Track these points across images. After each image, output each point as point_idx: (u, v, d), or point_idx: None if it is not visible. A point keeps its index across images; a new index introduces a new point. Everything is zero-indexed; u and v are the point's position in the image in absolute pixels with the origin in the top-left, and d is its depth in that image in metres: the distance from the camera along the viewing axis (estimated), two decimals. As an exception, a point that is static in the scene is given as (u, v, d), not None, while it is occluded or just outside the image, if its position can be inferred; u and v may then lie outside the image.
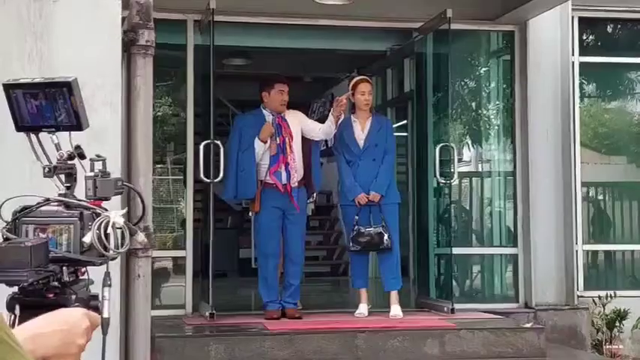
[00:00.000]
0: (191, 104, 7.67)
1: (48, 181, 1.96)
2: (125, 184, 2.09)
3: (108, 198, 1.97)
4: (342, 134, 7.22)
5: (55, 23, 4.72)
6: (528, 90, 8.04)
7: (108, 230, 1.88)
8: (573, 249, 8.03)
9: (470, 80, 9.02)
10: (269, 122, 7.01)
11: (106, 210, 1.92)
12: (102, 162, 1.99)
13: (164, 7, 6.46)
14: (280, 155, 6.91)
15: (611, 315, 7.90)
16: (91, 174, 1.97)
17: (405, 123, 9.46)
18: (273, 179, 6.90)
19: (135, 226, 2.02)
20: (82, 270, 1.91)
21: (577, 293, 8.04)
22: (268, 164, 6.93)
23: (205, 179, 7.13)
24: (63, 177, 1.97)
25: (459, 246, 8.09)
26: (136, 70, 4.77)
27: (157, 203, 8.40)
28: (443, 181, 7.89)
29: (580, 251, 8.32)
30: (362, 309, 7.20)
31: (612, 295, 7.96)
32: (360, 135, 7.24)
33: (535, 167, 8.02)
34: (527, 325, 7.01)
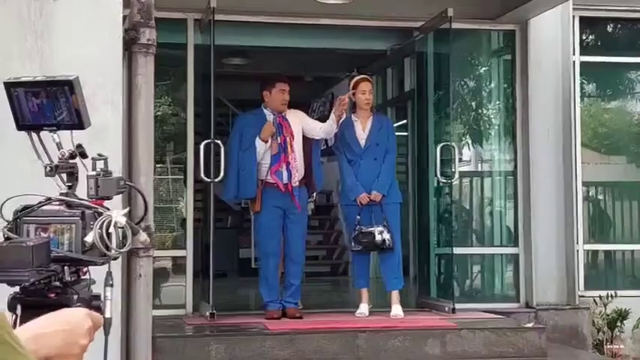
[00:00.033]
0: (191, 104, 7.66)
1: (49, 181, 1.95)
2: (127, 184, 2.07)
3: (110, 197, 1.95)
4: (344, 134, 7.21)
5: (56, 22, 4.70)
6: (529, 89, 8.03)
7: (110, 230, 1.86)
8: (574, 249, 8.03)
9: (470, 80, 9.01)
10: (270, 122, 6.99)
11: (108, 209, 1.91)
12: (104, 161, 1.98)
13: (164, 6, 6.44)
14: (281, 154, 6.90)
15: (612, 315, 7.90)
16: (93, 173, 1.95)
17: (405, 122, 9.45)
18: (274, 179, 6.89)
19: (136, 226, 2.00)
20: (84, 270, 1.90)
21: (578, 293, 8.04)
22: (269, 164, 6.91)
23: (206, 179, 7.12)
24: (64, 176, 1.95)
25: (460, 246, 8.09)
26: (137, 69, 4.76)
27: (157, 203, 8.40)
28: (444, 181, 7.88)
29: (581, 251, 8.32)
30: (363, 309, 7.18)
31: (613, 295, 7.96)
32: (362, 134, 7.23)
33: (536, 167, 8.01)
34: (528, 325, 7.01)
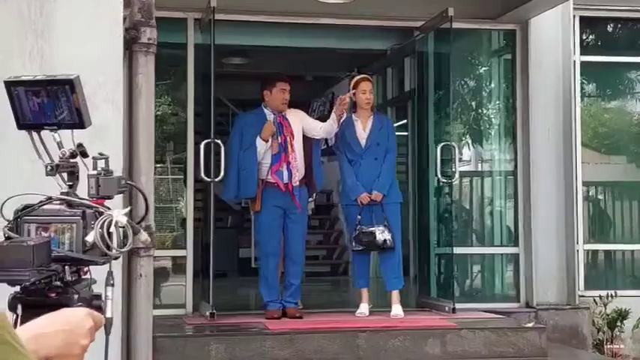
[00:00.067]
0: (191, 103, 7.65)
1: (49, 180, 1.94)
2: (128, 183, 2.06)
3: (111, 197, 1.95)
4: (344, 133, 7.20)
5: (56, 21, 4.69)
6: (530, 89, 8.03)
7: (111, 229, 1.85)
8: (574, 248, 8.02)
9: (471, 79, 9.00)
10: (270, 121, 6.98)
11: (109, 209, 1.90)
12: (104, 160, 1.97)
13: (164, 6, 6.43)
14: (282, 154, 6.89)
15: (612, 315, 7.90)
16: (94, 172, 1.94)
17: (406, 122, 9.44)
18: (274, 178, 6.88)
19: (137, 225, 2.00)
20: (85, 269, 1.89)
21: (578, 293, 8.03)
22: (270, 163, 6.91)
23: (206, 178, 7.11)
24: (65, 175, 1.94)
25: (460, 245, 8.08)
26: (138, 68, 4.75)
27: (157, 203, 8.38)
28: (444, 181, 7.87)
29: (581, 251, 8.31)
30: (363, 308, 7.18)
31: (613, 295, 7.96)
32: (362, 134, 7.22)
33: (536, 167, 8.01)
34: (528, 325, 7.00)
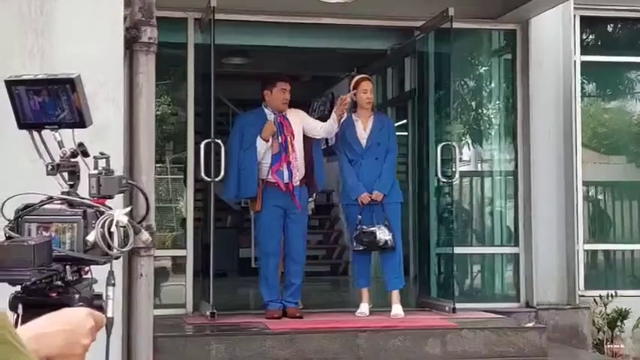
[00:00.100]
0: (191, 103, 7.64)
1: (50, 180, 1.94)
2: (129, 182, 2.06)
3: (112, 196, 1.94)
4: (344, 133, 7.19)
5: (57, 20, 4.68)
6: (530, 89, 8.02)
7: (112, 229, 1.85)
8: (575, 248, 8.02)
9: (471, 79, 8.99)
10: (271, 121, 6.98)
11: (110, 208, 1.89)
12: (105, 160, 1.96)
13: (164, 5, 6.41)
14: (282, 154, 6.88)
15: (612, 314, 7.89)
16: (95, 172, 1.94)
17: (406, 122, 9.43)
18: (275, 178, 6.87)
19: (138, 225, 1.99)
20: (86, 269, 1.89)
21: (578, 293, 8.03)
22: (270, 163, 6.90)
23: (206, 178, 7.10)
24: (66, 175, 1.94)
25: (461, 245, 8.07)
26: (139, 68, 4.74)
27: (156, 202, 8.36)
28: (444, 181, 7.86)
29: (581, 251, 8.31)
30: (363, 308, 7.17)
31: (613, 295, 7.96)
32: (363, 134, 7.22)
33: (537, 166, 8.00)
34: (529, 325, 7.00)
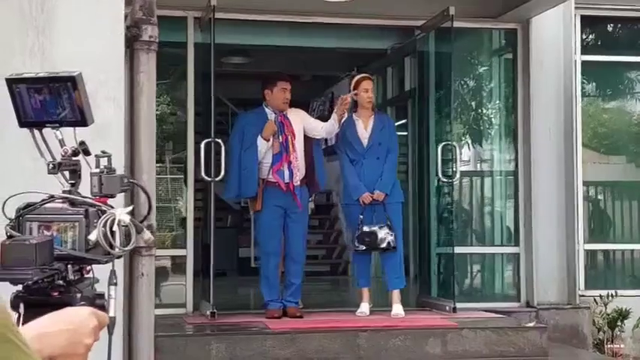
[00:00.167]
0: (191, 102, 7.62)
1: (51, 179, 1.92)
2: (131, 181, 2.05)
3: (113, 195, 1.93)
4: (345, 133, 7.18)
5: (57, 18, 4.67)
6: (531, 88, 8.00)
7: (114, 228, 1.84)
8: (575, 248, 8.01)
9: (472, 79, 8.97)
10: (272, 120, 6.97)
11: (112, 207, 1.88)
12: (107, 158, 1.95)
13: (164, 4, 6.38)
14: (283, 153, 6.87)
15: (612, 314, 7.89)
16: (97, 170, 1.92)
17: (406, 122, 9.42)
18: (275, 178, 6.86)
19: (140, 224, 1.98)
20: (87, 268, 1.88)
21: (578, 292, 8.02)
22: (271, 163, 6.89)
23: (206, 178, 7.09)
24: (67, 174, 1.93)
25: (461, 245, 8.07)
26: (139, 66, 4.73)
27: (156, 202, 8.36)
28: (445, 180, 7.85)
29: (582, 250, 8.30)
30: (363, 308, 7.16)
31: (613, 295, 7.95)
32: (364, 133, 7.21)
33: (537, 166, 7.99)
34: (530, 325, 6.99)
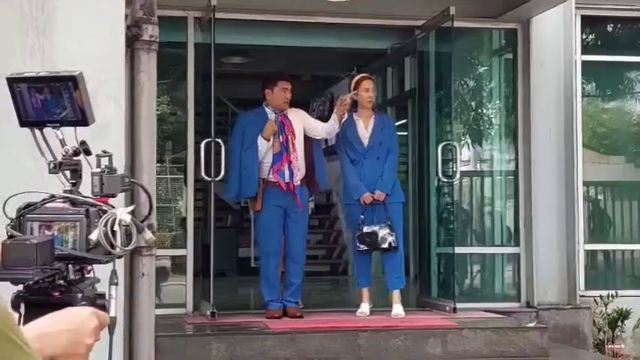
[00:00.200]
0: (192, 102, 7.62)
1: (52, 178, 1.92)
2: (132, 181, 2.04)
3: (114, 195, 1.93)
4: (346, 133, 7.18)
5: (58, 18, 4.67)
6: (531, 88, 8.00)
7: (115, 228, 1.83)
8: (575, 248, 8.01)
9: (472, 79, 8.97)
10: (272, 120, 6.96)
11: (113, 207, 1.88)
12: (108, 158, 1.95)
13: (164, 4, 6.38)
14: (283, 153, 6.87)
15: (612, 314, 7.88)
16: (97, 170, 1.92)
17: (406, 122, 9.41)
18: (276, 177, 6.86)
19: (141, 224, 1.98)
20: (88, 268, 1.87)
21: (579, 293, 8.02)
22: (271, 162, 6.89)
23: (206, 178, 7.09)
24: (68, 173, 1.92)
25: (461, 245, 8.06)
26: (140, 66, 4.72)
27: (156, 202, 8.36)
28: (445, 180, 7.84)
29: (582, 251, 8.30)
30: (364, 308, 7.16)
31: (614, 295, 7.95)
32: (364, 133, 7.20)
33: (537, 166, 7.99)
34: (530, 325, 6.99)
